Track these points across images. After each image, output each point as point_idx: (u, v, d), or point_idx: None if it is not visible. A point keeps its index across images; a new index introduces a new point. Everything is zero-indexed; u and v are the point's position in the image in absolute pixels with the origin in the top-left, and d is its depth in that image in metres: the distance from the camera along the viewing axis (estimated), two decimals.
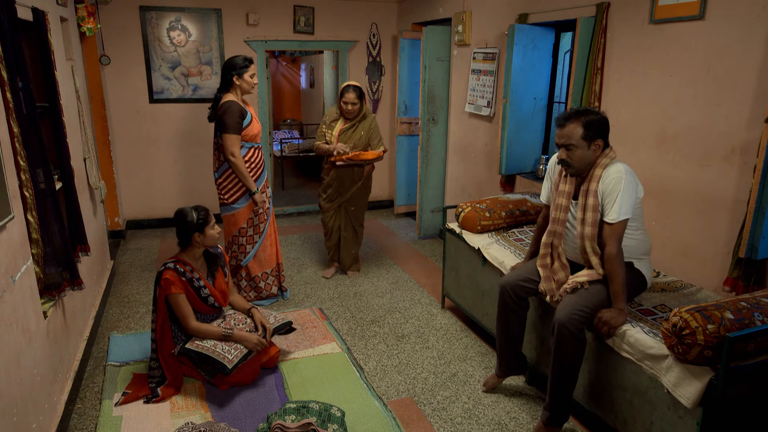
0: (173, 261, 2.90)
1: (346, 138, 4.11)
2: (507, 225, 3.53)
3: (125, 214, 5.70)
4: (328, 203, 4.28)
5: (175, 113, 5.59)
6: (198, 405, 2.76)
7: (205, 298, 2.92)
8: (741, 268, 2.45)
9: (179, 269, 2.86)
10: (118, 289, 4.22)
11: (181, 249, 2.96)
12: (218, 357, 2.75)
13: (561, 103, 4.22)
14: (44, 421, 2.33)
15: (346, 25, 5.98)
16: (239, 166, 3.55)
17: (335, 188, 4.21)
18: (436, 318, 3.78)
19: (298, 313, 3.80)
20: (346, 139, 4.11)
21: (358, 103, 4.03)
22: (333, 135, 4.12)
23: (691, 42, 2.69)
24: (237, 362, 2.78)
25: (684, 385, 1.99)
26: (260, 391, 2.87)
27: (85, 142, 3.85)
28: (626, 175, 2.31)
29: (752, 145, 2.43)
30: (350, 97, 4.01)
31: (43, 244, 2.45)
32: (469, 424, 2.68)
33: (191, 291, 2.88)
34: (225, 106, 3.50)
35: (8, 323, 2.04)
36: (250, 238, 3.79)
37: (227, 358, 2.75)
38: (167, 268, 2.84)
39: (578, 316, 2.31)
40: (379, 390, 2.94)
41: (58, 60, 3.14)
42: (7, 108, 2.19)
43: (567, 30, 3.93)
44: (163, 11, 5.31)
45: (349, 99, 4.01)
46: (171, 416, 2.67)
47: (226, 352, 2.78)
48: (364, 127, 4.13)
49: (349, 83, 4.07)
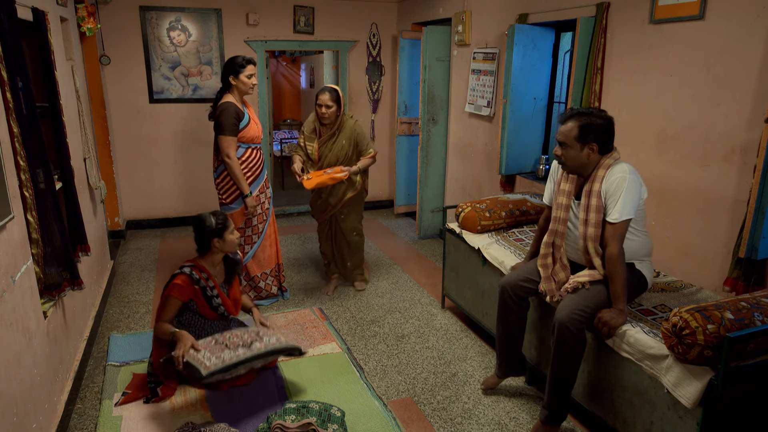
0: (190, 266, 2.82)
1: (327, 150, 3.79)
2: (507, 225, 3.53)
3: (125, 214, 5.70)
4: (319, 214, 4.03)
5: (175, 113, 5.59)
6: (198, 405, 2.76)
7: (216, 307, 2.86)
8: (741, 268, 2.45)
9: (194, 276, 2.79)
10: (118, 289, 4.22)
11: (200, 254, 2.89)
12: (196, 362, 2.53)
13: (561, 103, 4.22)
14: (44, 421, 2.33)
15: (346, 25, 5.98)
16: (234, 168, 3.54)
17: (324, 199, 3.92)
18: (436, 318, 3.78)
19: (298, 313, 3.80)
20: (327, 151, 3.79)
21: (333, 106, 3.67)
22: (314, 148, 3.81)
23: (691, 42, 2.69)
24: (215, 370, 2.50)
25: (684, 385, 1.99)
26: (260, 391, 2.87)
27: (85, 142, 3.85)
28: (630, 175, 2.31)
29: (752, 145, 2.43)
30: (324, 98, 3.65)
31: (43, 244, 2.45)
32: (469, 424, 2.68)
33: (202, 299, 2.81)
34: (222, 107, 3.50)
35: (8, 323, 2.04)
36: (248, 239, 3.79)
37: (204, 364, 2.52)
38: (182, 273, 2.78)
39: (579, 316, 2.31)
40: (379, 390, 2.94)
41: (58, 60, 3.14)
42: (7, 108, 2.19)
43: (567, 30, 3.93)
44: (163, 11, 5.31)
45: (323, 101, 3.65)
46: (171, 416, 2.67)
47: (206, 358, 2.56)
48: (345, 135, 3.79)
49: (326, 85, 3.79)
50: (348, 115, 3.90)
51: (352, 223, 4.04)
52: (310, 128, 3.87)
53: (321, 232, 4.17)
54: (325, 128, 3.82)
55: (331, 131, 3.80)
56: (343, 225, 4.02)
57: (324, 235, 4.16)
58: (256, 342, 2.69)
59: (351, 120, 3.88)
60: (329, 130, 3.81)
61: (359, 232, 4.11)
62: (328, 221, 4.08)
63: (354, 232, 4.07)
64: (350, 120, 3.87)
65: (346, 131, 3.81)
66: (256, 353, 2.62)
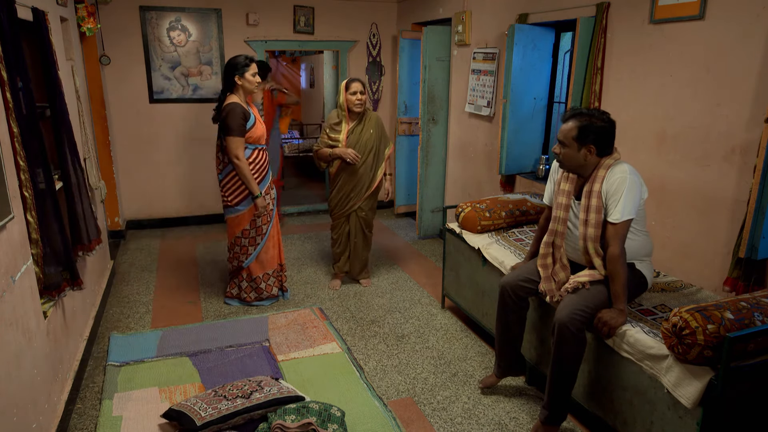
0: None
1: (355, 139, 3.92)
2: (507, 225, 3.53)
3: (125, 214, 5.70)
4: (339, 210, 4.09)
5: (175, 113, 5.59)
6: None
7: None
8: (741, 268, 2.45)
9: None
10: (118, 289, 4.22)
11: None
12: (190, 413, 2.49)
13: (561, 103, 4.22)
14: (44, 421, 2.33)
15: (346, 25, 5.98)
16: (243, 169, 3.51)
17: (346, 193, 4.02)
18: (436, 318, 3.78)
19: (298, 313, 3.80)
20: (355, 140, 3.92)
21: (365, 93, 3.89)
22: (341, 138, 3.93)
23: (691, 42, 2.69)
24: (210, 421, 2.43)
25: (684, 385, 1.99)
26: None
27: (85, 142, 3.85)
28: (631, 175, 2.31)
29: (752, 145, 2.43)
30: (357, 86, 3.84)
31: (43, 244, 2.45)
32: (469, 424, 2.68)
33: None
34: (228, 108, 3.47)
35: (8, 323, 2.04)
36: (252, 240, 3.78)
37: (200, 415, 2.47)
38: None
39: (579, 315, 2.31)
40: (379, 390, 2.94)
41: (58, 60, 3.14)
42: (7, 108, 2.19)
43: (567, 30, 3.93)
44: (163, 11, 5.31)
45: (356, 88, 3.84)
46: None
47: (201, 409, 2.50)
48: (371, 124, 3.97)
49: (351, 77, 3.98)
50: (369, 106, 4.07)
51: (370, 218, 4.18)
52: (334, 120, 4.00)
53: (336, 229, 4.20)
54: (352, 117, 3.96)
55: (359, 120, 3.96)
56: (364, 221, 4.15)
57: (338, 233, 4.19)
58: (256, 392, 2.61)
59: (373, 112, 4.07)
60: (357, 118, 3.96)
61: (371, 229, 4.25)
62: (346, 219, 4.14)
63: (370, 228, 4.21)
64: (373, 112, 4.07)
65: (372, 121, 4.01)
66: (255, 404, 2.54)
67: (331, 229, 4.28)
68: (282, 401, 2.58)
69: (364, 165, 3.96)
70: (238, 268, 3.86)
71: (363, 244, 4.23)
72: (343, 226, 4.17)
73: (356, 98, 3.86)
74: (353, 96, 3.86)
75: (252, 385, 2.67)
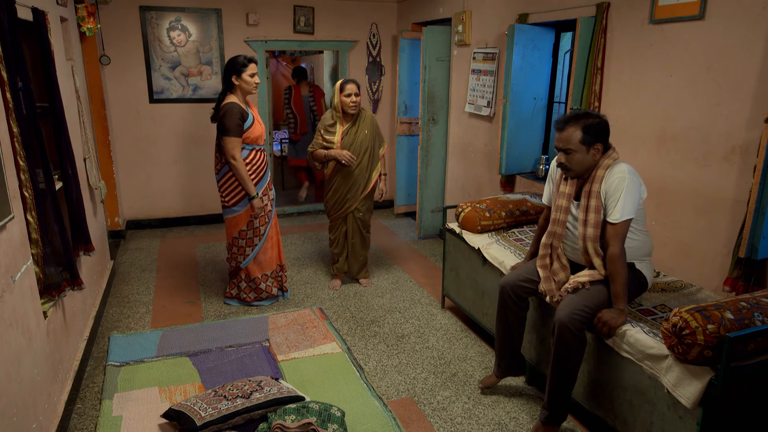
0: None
1: (350, 140, 3.91)
2: (507, 225, 3.53)
3: (125, 214, 5.70)
4: (335, 212, 4.09)
5: (175, 113, 5.59)
6: None
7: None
8: (741, 268, 2.45)
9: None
10: (118, 289, 4.22)
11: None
12: (190, 413, 2.49)
13: (561, 103, 4.22)
14: (44, 421, 2.33)
15: (346, 25, 5.98)
16: (240, 170, 3.51)
17: (342, 195, 4.01)
18: (436, 318, 3.78)
19: (298, 313, 3.80)
20: (350, 141, 3.91)
21: (360, 95, 3.86)
22: (336, 139, 3.90)
23: (691, 42, 2.69)
24: (210, 421, 2.43)
25: (684, 385, 1.99)
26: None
27: (85, 142, 3.85)
28: (630, 175, 2.31)
29: (752, 145, 2.43)
30: (352, 88, 3.81)
31: (43, 244, 2.45)
32: (469, 424, 2.68)
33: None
34: (225, 108, 3.46)
35: (8, 323, 2.04)
36: (249, 241, 3.77)
37: (199, 415, 2.47)
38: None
39: (579, 315, 2.31)
40: (379, 390, 2.94)
41: (57, 60, 3.14)
42: (7, 108, 2.19)
43: (567, 30, 3.93)
44: (163, 11, 5.31)
45: (351, 90, 3.81)
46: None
47: (201, 409, 2.51)
48: (366, 125, 3.95)
49: (346, 78, 3.93)
50: (364, 107, 4.04)
51: (367, 218, 4.17)
52: (328, 122, 3.97)
53: (333, 230, 4.20)
54: (347, 119, 3.95)
55: (353, 121, 3.95)
56: (361, 222, 4.14)
57: (336, 234, 4.19)
58: (256, 392, 2.61)
59: (367, 112, 4.05)
60: (351, 119, 3.95)
61: (369, 229, 4.23)
62: (343, 219, 4.14)
63: (367, 228, 4.20)
64: (367, 112, 4.04)
65: (367, 122, 3.99)
66: (255, 404, 2.54)
67: (328, 230, 4.28)
68: (282, 401, 2.57)
69: (359, 166, 3.96)
70: (236, 269, 3.86)
71: (361, 245, 4.22)
72: (340, 227, 4.16)
73: (351, 100, 3.83)
74: (348, 98, 3.83)
75: (252, 385, 2.67)
